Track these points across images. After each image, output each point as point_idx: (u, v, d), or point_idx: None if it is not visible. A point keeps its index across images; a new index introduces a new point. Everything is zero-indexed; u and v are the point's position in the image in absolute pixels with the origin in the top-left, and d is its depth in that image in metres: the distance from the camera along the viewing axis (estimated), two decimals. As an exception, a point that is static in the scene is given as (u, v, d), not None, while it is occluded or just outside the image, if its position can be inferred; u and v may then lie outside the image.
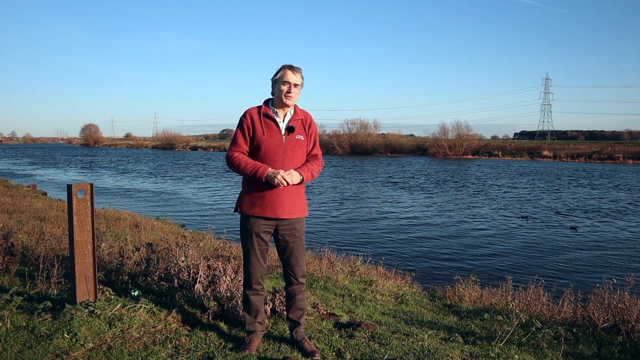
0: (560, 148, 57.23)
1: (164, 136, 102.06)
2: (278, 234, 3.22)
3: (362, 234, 12.78)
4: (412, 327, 4.07)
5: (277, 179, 3.01)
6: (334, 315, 4.14)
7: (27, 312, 3.51)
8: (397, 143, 66.38)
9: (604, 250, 11.20)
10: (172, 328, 3.47)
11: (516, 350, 3.67)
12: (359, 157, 57.49)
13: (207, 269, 4.17)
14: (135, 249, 4.98)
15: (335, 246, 9.16)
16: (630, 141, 76.26)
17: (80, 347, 3.06)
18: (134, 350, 3.09)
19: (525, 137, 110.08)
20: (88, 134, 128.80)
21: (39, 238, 6.13)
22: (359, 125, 68.27)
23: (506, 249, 11.32)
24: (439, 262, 10.00)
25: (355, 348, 3.37)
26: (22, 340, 3.13)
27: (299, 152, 3.19)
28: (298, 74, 3.17)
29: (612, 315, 4.33)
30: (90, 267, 3.61)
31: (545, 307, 4.95)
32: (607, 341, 4.02)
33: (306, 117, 3.29)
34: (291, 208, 3.17)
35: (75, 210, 3.46)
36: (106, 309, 3.45)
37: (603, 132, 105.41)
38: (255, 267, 3.23)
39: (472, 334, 4.02)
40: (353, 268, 6.51)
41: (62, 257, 4.93)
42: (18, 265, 4.94)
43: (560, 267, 9.67)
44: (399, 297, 5.30)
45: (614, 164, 45.09)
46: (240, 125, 3.18)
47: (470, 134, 62.07)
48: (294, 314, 3.35)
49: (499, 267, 9.63)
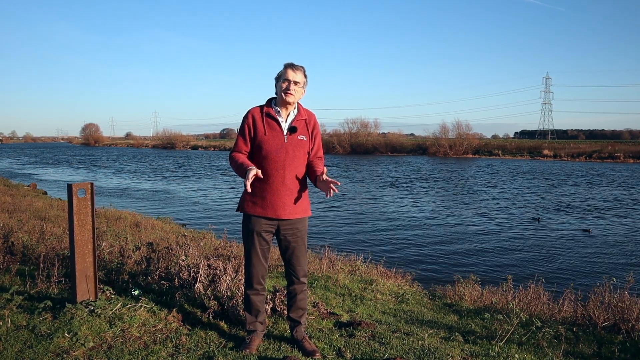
0: (560, 147, 57.23)
1: (164, 135, 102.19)
2: (280, 234, 3.21)
3: (362, 234, 12.78)
4: (413, 326, 4.07)
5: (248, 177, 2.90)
6: (335, 315, 4.14)
7: (28, 312, 3.51)
8: (398, 142, 66.43)
9: (604, 250, 11.20)
10: (173, 327, 3.47)
11: (516, 350, 3.67)
12: (359, 156, 57.49)
13: (208, 269, 4.17)
14: (136, 248, 4.98)
15: (336, 245, 9.17)
16: (630, 140, 76.27)
17: (80, 347, 3.06)
18: (135, 350, 3.09)
19: (526, 136, 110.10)
20: (88, 134, 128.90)
21: (39, 237, 6.14)
22: (359, 125, 68.34)
23: (506, 248, 11.32)
24: (440, 261, 10.00)
25: (356, 347, 3.37)
26: (22, 339, 3.13)
27: (300, 152, 3.17)
28: (299, 72, 3.15)
29: (612, 314, 4.33)
30: (91, 266, 3.61)
31: (546, 306, 4.95)
32: (608, 340, 4.02)
33: (310, 118, 3.26)
34: (293, 208, 3.16)
35: (75, 209, 3.46)
36: (106, 308, 3.46)
37: (603, 131, 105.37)
38: (256, 267, 3.23)
39: (472, 333, 4.02)
40: (353, 267, 6.52)
41: (62, 256, 4.93)
42: (18, 265, 4.95)
43: (561, 267, 9.68)
44: (400, 297, 5.30)
45: (614, 163, 45.08)
46: (242, 126, 3.17)
47: (471, 133, 62.13)
48: (294, 313, 3.34)
49: (500, 266, 9.64)
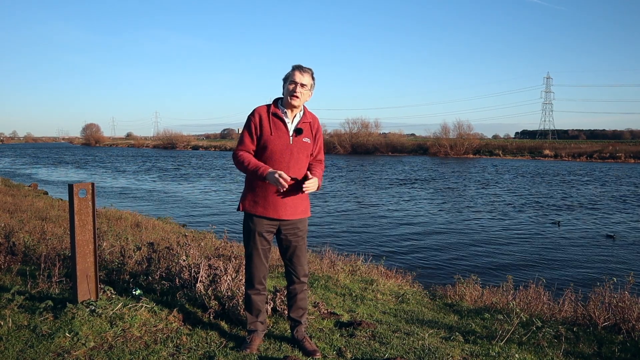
0: (561, 147, 57.18)
1: (165, 136, 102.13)
2: (281, 234, 3.22)
3: (363, 233, 12.79)
4: (413, 326, 4.07)
5: (280, 181, 2.96)
6: (335, 315, 4.15)
7: (29, 312, 3.52)
8: (398, 142, 66.41)
9: (604, 249, 11.19)
10: (173, 327, 3.48)
11: (517, 349, 3.67)
12: (360, 156, 57.47)
13: (208, 268, 4.17)
14: (137, 249, 4.99)
15: (336, 245, 9.17)
16: (631, 140, 76.12)
17: (81, 346, 3.07)
18: (135, 349, 3.10)
19: (527, 137, 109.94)
20: (89, 134, 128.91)
21: (40, 237, 6.14)
22: (360, 125, 68.30)
23: (507, 248, 11.31)
24: (440, 261, 10.00)
25: (356, 347, 3.38)
26: (23, 339, 3.14)
27: (304, 154, 3.19)
28: (306, 75, 3.14)
29: (612, 314, 4.33)
30: (92, 266, 3.62)
31: (546, 306, 4.95)
32: (608, 340, 4.02)
33: (314, 121, 3.28)
34: (293, 209, 3.17)
35: (76, 209, 3.47)
36: (107, 308, 3.46)
37: (604, 131, 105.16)
38: (257, 267, 3.24)
39: (472, 333, 4.02)
40: (354, 267, 6.52)
41: (63, 256, 4.94)
42: (19, 265, 4.96)
43: (561, 267, 9.67)
44: (400, 297, 5.30)
45: (615, 163, 45.03)
46: (248, 123, 3.17)
47: (472, 133, 62.09)
48: (295, 313, 3.35)
49: (500, 266, 9.63)
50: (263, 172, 3.02)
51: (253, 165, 3.07)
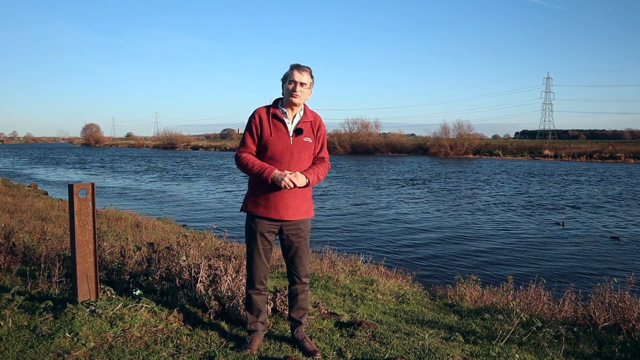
0: (561, 147, 57.21)
1: (165, 136, 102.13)
2: (283, 234, 3.22)
3: (363, 234, 12.79)
4: (413, 327, 4.07)
5: (283, 182, 2.99)
6: (335, 315, 4.15)
7: (29, 312, 3.52)
8: (398, 142, 66.45)
9: (606, 249, 11.19)
10: (174, 327, 3.48)
11: (517, 350, 3.67)
12: (360, 156, 57.48)
13: (209, 269, 4.17)
14: (137, 249, 4.99)
15: (337, 246, 9.16)
16: (631, 140, 76.06)
17: (81, 347, 3.07)
18: (135, 350, 3.10)
19: (527, 137, 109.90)
20: (89, 134, 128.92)
21: (40, 238, 6.14)
22: (360, 125, 68.36)
23: (507, 248, 11.31)
24: (440, 261, 10.00)
25: (356, 347, 3.38)
26: (23, 339, 3.13)
27: (305, 154, 3.18)
28: (305, 73, 3.15)
29: (612, 314, 4.33)
30: (92, 266, 3.62)
31: (546, 306, 4.94)
32: (608, 340, 4.02)
33: (315, 119, 3.27)
34: (295, 209, 3.16)
35: (76, 209, 3.47)
36: (107, 309, 3.46)
37: (604, 131, 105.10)
38: (258, 267, 3.24)
39: (472, 333, 4.02)
40: (354, 267, 6.52)
41: (63, 256, 4.94)
42: (20, 265, 4.96)
43: (561, 266, 9.67)
44: (400, 297, 5.30)
45: (615, 163, 45.04)
46: (249, 125, 3.17)
47: (472, 134, 62.13)
48: (295, 313, 3.35)
49: (500, 266, 9.63)
50: (268, 173, 3.03)
51: (257, 166, 3.07)
